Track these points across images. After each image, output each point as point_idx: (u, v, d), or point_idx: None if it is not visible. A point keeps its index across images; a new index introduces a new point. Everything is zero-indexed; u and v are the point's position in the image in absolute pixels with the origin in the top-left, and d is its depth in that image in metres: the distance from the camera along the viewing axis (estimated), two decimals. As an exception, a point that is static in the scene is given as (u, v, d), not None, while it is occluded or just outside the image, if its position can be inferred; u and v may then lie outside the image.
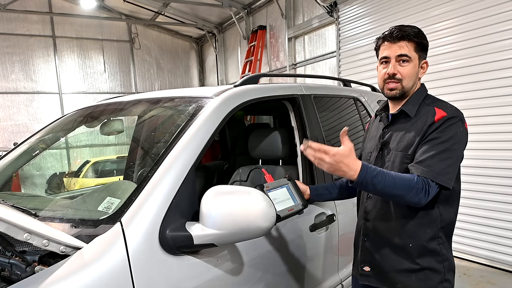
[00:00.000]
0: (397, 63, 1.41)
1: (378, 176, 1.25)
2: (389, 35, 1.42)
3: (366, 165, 1.26)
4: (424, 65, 1.46)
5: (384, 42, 1.45)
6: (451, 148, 1.32)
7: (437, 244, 1.40)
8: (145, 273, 1.15)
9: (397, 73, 1.41)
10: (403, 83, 1.42)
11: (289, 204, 1.56)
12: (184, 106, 1.69)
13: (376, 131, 1.59)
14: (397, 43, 1.40)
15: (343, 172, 1.23)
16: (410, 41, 1.40)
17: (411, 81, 1.42)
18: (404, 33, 1.39)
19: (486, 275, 3.74)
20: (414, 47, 1.40)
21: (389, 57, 1.42)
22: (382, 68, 1.46)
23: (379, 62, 1.48)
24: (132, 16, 10.62)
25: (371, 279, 1.52)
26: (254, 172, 2.14)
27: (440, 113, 1.36)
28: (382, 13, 5.12)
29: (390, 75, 1.42)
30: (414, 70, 1.42)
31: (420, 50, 1.42)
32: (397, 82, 1.42)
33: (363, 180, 1.24)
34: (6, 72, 9.46)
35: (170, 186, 1.27)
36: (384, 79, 1.45)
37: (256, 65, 8.09)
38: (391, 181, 1.26)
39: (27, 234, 1.00)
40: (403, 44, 1.40)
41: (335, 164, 1.22)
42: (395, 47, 1.40)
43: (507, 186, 3.76)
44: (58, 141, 2.19)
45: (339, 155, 1.22)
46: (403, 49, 1.39)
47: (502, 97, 3.74)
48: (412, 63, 1.41)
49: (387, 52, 1.43)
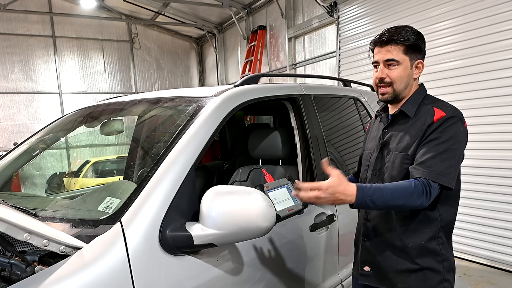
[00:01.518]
0: (385, 67, 1.42)
1: (376, 193, 1.27)
2: (378, 39, 1.44)
3: (360, 185, 1.28)
4: (419, 65, 1.45)
5: (375, 46, 1.47)
6: (451, 148, 1.32)
7: (436, 244, 1.40)
8: (145, 273, 1.15)
9: (386, 76, 1.42)
10: (394, 86, 1.42)
11: (289, 204, 1.56)
12: (184, 106, 1.69)
13: (377, 132, 1.59)
14: (384, 47, 1.42)
15: (341, 200, 1.26)
16: (398, 44, 1.40)
17: (402, 83, 1.42)
18: (392, 37, 1.40)
19: (486, 275, 3.74)
20: (403, 50, 1.40)
21: (378, 61, 1.44)
22: (374, 72, 1.48)
23: (373, 66, 1.50)
24: (132, 16, 10.63)
25: (371, 279, 1.52)
26: (254, 172, 2.13)
27: (439, 113, 1.36)
28: (382, 13, 5.12)
29: (379, 79, 1.44)
30: (405, 73, 1.42)
31: (412, 52, 1.41)
32: (387, 86, 1.43)
33: (361, 201, 1.26)
34: (6, 72, 9.46)
35: (170, 186, 1.27)
36: (376, 84, 1.47)
37: (256, 65, 8.09)
38: (389, 194, 1.27)
39: (27, 234, 1.00)
40: (390, 48, 1.40)
41: (332, 197, 1.25)
42: (383, 51, 1.42)
43: (507, 186, 3.75)
44: (58, 141, 2.19)
45: (331, 187, 1.24)
46: (389, 54, 1.40)
47: (502, 97, 3.73)
48: (402, 66, 1.41)
49: (376, 56, 1.45)
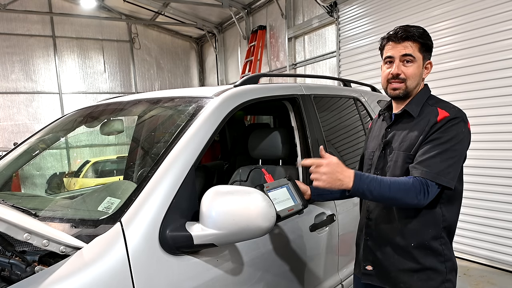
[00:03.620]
0: (401, 63, 1.41)
1: (373, 182, 1.28)
2: (394, 35, 1.42)
3: (358, 172, 1.31)
4: (428, 65, 1.45)
5: (388, 42, 1.45)
6: (452, 148, 1.32)
7: (439, 244, 1.40)
8: (145, 273, 1.15)
9: (401, 73, 1.41)
10: (407, 83, 1.42)
11: (289, 204, 1.56)
12: (184, 106, 1.69)
13: (379, 131, 1.59)
14: (401, 43, 1.40)
15: (340, 181, 1.28)
16: (415, 41, 1.39)
17: (415, 81, 1.42)
18: (409, 34, 1.39)
19: (486, 275, 3.74)
20: (419, 48, 1.40)
21: (393, 56, 1.42)
22: (386, 68, 1.46)
23: (383, 62, 1.48)
24: (132, 16, 10.62)
25: (373, 278, 1.52)
26: (254, 172, 2.13)
27: (443, 114, 1.36)
28: (382, 13, 5.12)
29: (394, 75, 1.42)
30: (418, 71, 1.42)
31: (425, 51, 1.42)
32: (401, 82, 1.42)
33: (359, 187, 1.28)
34: (6, 72, 9.46)
35: (170, 186, 1.27)
36: (387, 79, 1.45)
37: (256, 65, 8.09)
38: (386, 186, 1.28)
39: (27, 234, 1.00)
40: (407, 45, 1.40)
41: (332, 174, 1.27)
42: (400, 47, 1.40)
43: (507, 186, 3.76)
44: (58, 141, 2.18)
45: (332, 164, 1.28)
46: (407, 49, 1.39)
47: (503, 97, 3.73)
48: (416, 64, 1.41)
49: (391, 52, 1.43)
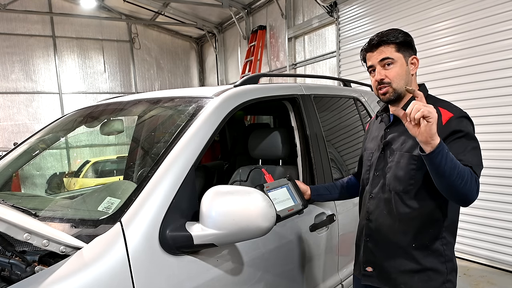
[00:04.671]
0: (382, 68, 1.43)
1: (450, 155, 1.18)
2: (368, 45, 1.47)
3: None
4: (414, 60, 1.45)
5: (366, 53, 1.49)
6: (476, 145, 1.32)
7: (440, 244, 1.39)
8: (145, 273, 1.15)
9: (384, 77, 1.42)
10: (393, 85, 1.42)
11: (289, 204, 1.56)
12: (184, 106, 1.69)
13: (378, 132, 1.59)
14: (376, 50, 1.43)
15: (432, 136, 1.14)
16: (389, 44, 1.41)
17: (401, 81, 1.42)
18: (381, 39, 1.42)
19: (486, 275, 3.74)
20: (396, 48, 1.42)
21: (373, 65, 1.45)
22: (372, 77, 1.48)
23: (369, 73, 1.50)
24: (132, 16, 10.62)
25: (373, 279, 1.51)
26: (254, 172, 2.13)
27: (446, 114, 1.36)
28: (382, 13, 5.12)
29: (378, 81, 1.44)
30: (402, 70, 1.42)
31: (404, 49, 1.42)
32: (387, 85, 1.43)
33: (441, 150, 1.16)
34: (6, 72, 9.46)
35: (170, 186, 1.27)
36: (376, 87, 1.47)
37: (256, 65, 8.09)
38: (457, 165, 1.19)
39: (27, 234, 1.00)
40: (381, 50, 1.42)
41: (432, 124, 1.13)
42: (376, 54, 1.44)
43: (507, 186, 3.76)
44: (58, 141, 2.18)
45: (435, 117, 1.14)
46: (383, 54, 1.42)
47: (502, 97, 3.73)
48: (398, 64, 1.41)
49: (370, 61, 1.47)
